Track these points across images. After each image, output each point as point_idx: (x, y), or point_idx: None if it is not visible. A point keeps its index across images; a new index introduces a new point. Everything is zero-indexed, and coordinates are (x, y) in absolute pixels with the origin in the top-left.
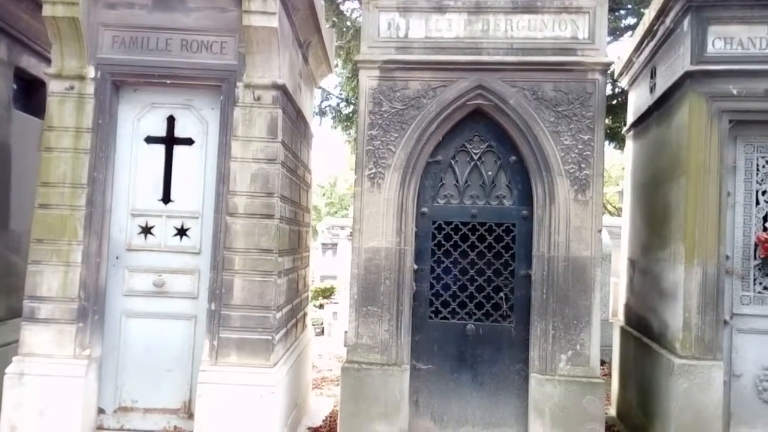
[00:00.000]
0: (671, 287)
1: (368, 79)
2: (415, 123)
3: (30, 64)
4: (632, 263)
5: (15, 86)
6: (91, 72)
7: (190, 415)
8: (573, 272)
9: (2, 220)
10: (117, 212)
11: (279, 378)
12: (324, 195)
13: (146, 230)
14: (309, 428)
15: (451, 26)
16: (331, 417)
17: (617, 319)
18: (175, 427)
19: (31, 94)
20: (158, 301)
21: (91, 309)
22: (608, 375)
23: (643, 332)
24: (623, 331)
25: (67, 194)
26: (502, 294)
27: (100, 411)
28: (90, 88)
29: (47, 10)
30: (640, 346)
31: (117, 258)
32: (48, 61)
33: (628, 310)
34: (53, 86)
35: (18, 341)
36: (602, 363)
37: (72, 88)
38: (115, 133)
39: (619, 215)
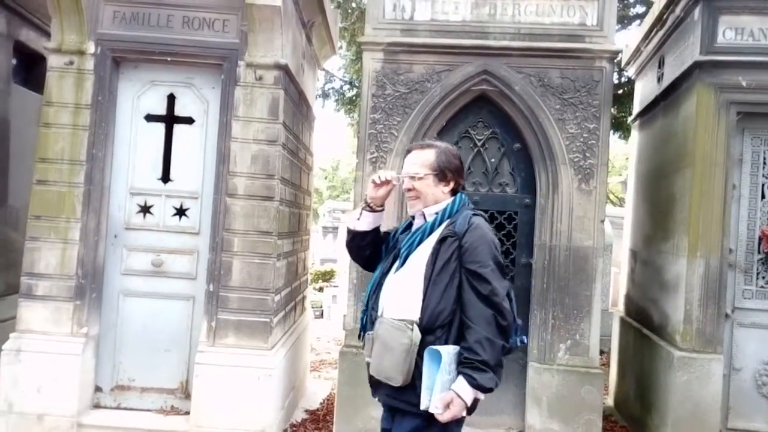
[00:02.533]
0: (673, 279)
1: (372, 62)
2: (418, 107)
3: (30, 37)
4: (634, 254)
5: (14, 60)
6: (91, 47)
7: (187, 396)
8: (574, 262)
9: (1, 196)
10: (116, 190)
11: (276, 360)
12: (326, 178)
13: (145, 209)
14: (306, 411)
15: (458, 9)
16: (328, 400)
17: (617, 310)
18: (172, 407)
19: (30, 69)
20: (156, 281)
21: (88, 287)
22: (607, 365)
23: (643, 323)
24: (623, 321)
25: (65, 171)
26: None
27: (98, 389)
28: (90, 64)
29: None
30: (639, 337)
31: (115, 236)
32: (48, 35)
33: (629, 300)
34: (52, 61)
35: (15, 317)
36: (601, 353)
37: (71, 63)
38: (114, 110)
39: (621, 205)
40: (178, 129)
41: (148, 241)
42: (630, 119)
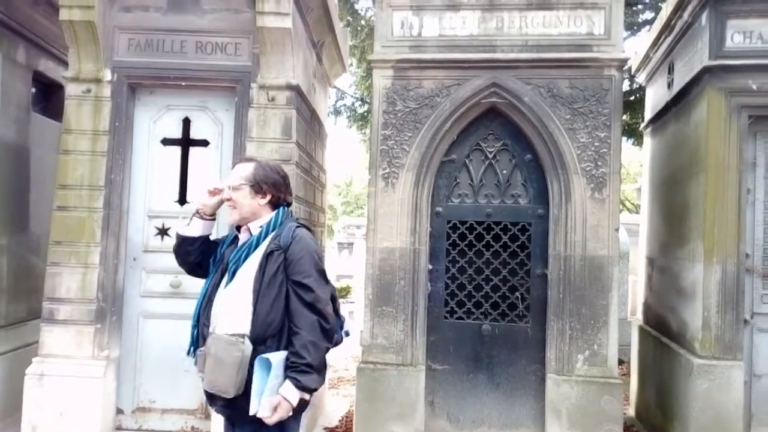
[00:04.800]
0: (690, 286)
1: (382, 79)
2: (429, 122)
3: (48, 67)
4: (651, 261)
5: (33, 89)
6: (107, 75)
7: (208, 416)
8: (590, 271)
9: (22, 223)
10: (134, 214)
11: None
12: (340, 194)
13: (163, 231)
14: (325, 428)
15: (465, 24)
16: (347, 417)
17: (636, 318)
18: (193, 428)
19: (49, 97)
20: (175, 302)
21: (109, 310)
22: (627, 374)
23: (661, 331)
24: (642, 330)
25: (84, 196)
26: (517, 294)
27: (119, 411)
28: (107, 91)
29: (64, 14)
30: (659, 345)
31: (134, 259)
32: (65, 64)
33: (647, 308)
34: (70, 89)
35: (38, 342)
36: (621, 362)
37: (89, 91)
38: (131, 135)
39: (637, 212)
40: (194, 151)
41: (166, 263)
42: (642, 126)
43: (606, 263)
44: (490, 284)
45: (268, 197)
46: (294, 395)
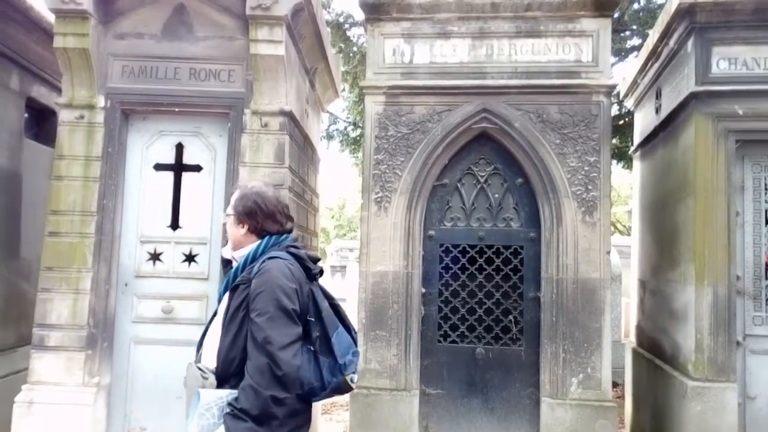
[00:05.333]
0: (682, 308)
1: (374, 105)
2: (421, 147)
3: (41, 93)
4: (642, 284)
5: (26, 115)
6: (101, 101)
7: None
8: (582, 294)
9: (13, 248)
10: (126, 239)
11: None
12: (333, 217)
13: (155, 257)
14: None
15: (456, 51)
16: None
17: (629, 340)
18: None
19: (42, 123)
20: (166, 328)
21: (100, 336)
22: (621, 397)
23: (655, 354)
24: (635, 352)
25: (76, 222)
26: (511, 317)
27: None
28: (100, 117)
29: (58, 42)
30: (652, 368)
31: (126, 285)
32: (59, 90)
33: (640, 331)
34: (63, 115)
35: (27, 369)
36: (615, 385)
37: (82, 117)
38: (124, 160)
39: (629, 234)
40: (187, 177)
41: (158, 288)
42: (631, 150)
43: (598, 286)
44: (483, 307)
45: (246, 227)
46: None
